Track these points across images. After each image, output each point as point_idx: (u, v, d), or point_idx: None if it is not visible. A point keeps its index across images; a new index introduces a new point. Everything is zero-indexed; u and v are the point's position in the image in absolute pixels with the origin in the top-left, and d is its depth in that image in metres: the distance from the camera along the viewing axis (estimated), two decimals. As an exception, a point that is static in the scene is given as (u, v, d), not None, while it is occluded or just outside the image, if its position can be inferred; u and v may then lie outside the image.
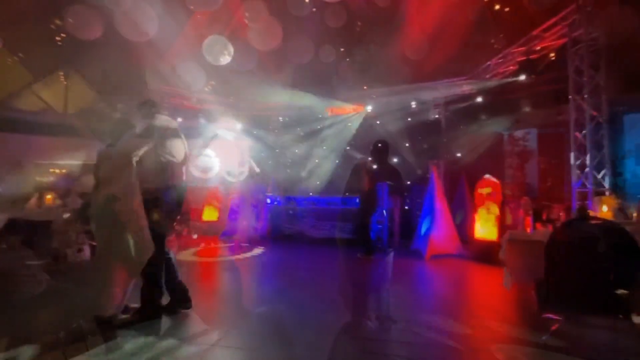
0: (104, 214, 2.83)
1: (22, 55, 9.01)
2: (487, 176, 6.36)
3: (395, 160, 9.32)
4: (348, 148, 9.84)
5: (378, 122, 9.26)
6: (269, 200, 8.84)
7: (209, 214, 9.40)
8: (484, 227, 6.21)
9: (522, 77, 6.98)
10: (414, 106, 8.76)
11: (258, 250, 7.35)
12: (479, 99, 7.90)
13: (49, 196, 6.37)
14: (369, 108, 9.15)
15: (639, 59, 6.22)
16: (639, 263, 2.01)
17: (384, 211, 7.52)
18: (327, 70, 8.47)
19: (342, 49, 9.12)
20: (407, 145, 8.94)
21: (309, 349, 2.50)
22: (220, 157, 9.47)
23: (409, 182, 9.03)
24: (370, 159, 6.74)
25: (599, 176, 5.52)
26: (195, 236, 8.36)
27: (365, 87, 9.08)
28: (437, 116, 8.71)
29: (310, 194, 9.20)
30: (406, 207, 8.67)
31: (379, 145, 6.86)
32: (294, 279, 4.90)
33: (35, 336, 2.64)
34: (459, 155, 8.14)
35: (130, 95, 9.16)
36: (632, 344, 2.59)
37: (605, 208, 3.15)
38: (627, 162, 6.32)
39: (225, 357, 2.39)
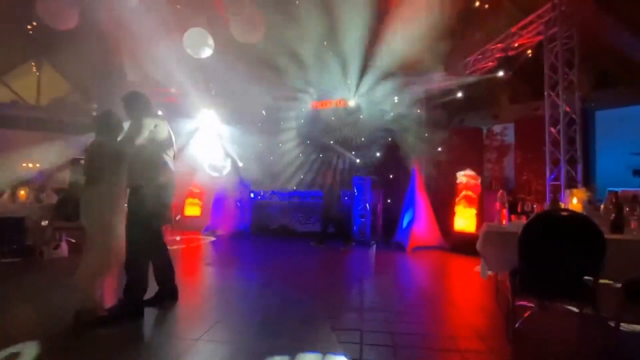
0: (94, 210, 2.79)
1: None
2: (466, 171, 6.56)
3: (377, 154, 9.42)
4: (332, 142, 9.88)
5: (361, 116, 9.31)
6: (252, 195, 8.81)
7: (191, 209, 9.30)
8: (463, 220, 6.41)
9: (501, 73, 7.16)
10: (395, 101, 8.85)
11: (242, 245, 7.34)
12: (459, 94, 8.06)
13: (22, 192, 6.15)
14: (352, 103, 9.19)
15: (610, 57, 6.49)
16: (603, 252, 2.13)
17: (367, 205, 7.64)
18: (308, 64, 8.44)
19: (325, 43, 9.10)
20: (389, 139, 9.04)
21: (292, 341, 2.54)
22: (203, 151, 9.36)
23: (391, 176, 9.16)
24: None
25: (572, 170, 5.75)
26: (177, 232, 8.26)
27: (348, 81, 9.11)
28: (418, 111, 8.83)
29: (295, 188, 9.21)
30: (389, 200, 8.81)
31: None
32: (277, 273, 4.93)
33: (13, 334, 2.58)
34: (439, 149, 8.29)
35: (108, 88, 8.90)
36: (596, 330, 2.75)
37: (575, 200, 3.30)
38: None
39: (209, 351, 2.40)
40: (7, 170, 6.51)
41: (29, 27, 8.84)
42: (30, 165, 8.47)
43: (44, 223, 5.57)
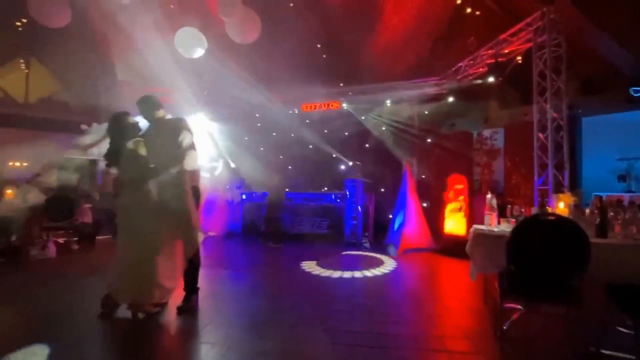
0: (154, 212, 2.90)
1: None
2: (456, 174, 6.65)
3: (369, 157, 9.47)
4: (325, 144, 9.89)
5: (353, 119, 9.36)
6: (244, 196, 8.78)
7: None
8: (453, 223, 6.49)
9: (491, 79, 7.27)
10: (388, 104, 8.92)
11: (233, 246, 7.31)
12: (451, 99, 8.17)
13: (9, 191, 6.04)
14: (345, 105, 9.24)
15: (596, 64, 6.65)
16: (588, 255, 2.20)
17: (359, 207, 7.68)
18: (301, 66, 8.46)
19: (318, 45, 9.14)
20: (381, 142, 9.12)
21: (283, 342, 2.55)
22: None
23: (383, 179, 9.22)
24: None
25: (559, 175, 5.87)
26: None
27: (341, 84, 9.15)
28: (410, 114, 8.93)
29: (286, 190, 9.20)
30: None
31: None
32: (268, 274, 4.93)
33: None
34: (431, 153, 8.38)
35: (98, 87, 8.80)
36: (582, 330, 2.81)
37: (562, 204, 3.38)
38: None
39: (201, 353, 2.40)
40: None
41: (18, 24, 8.70)
42: (18, 164, 8.32)
43: (30, 214, 5.49)
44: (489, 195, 3.40)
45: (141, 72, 7.76)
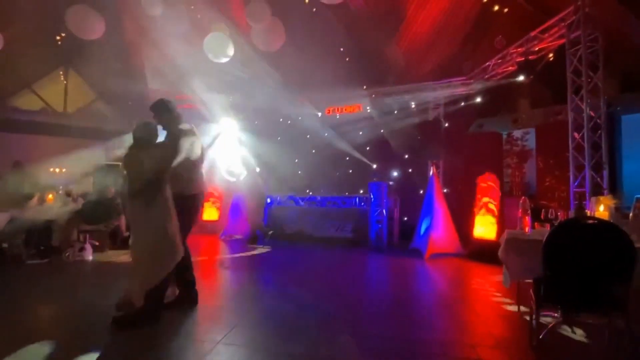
0: (139, 215, 2.89)
1: (22, 54, 9.03)
2: (485, 176, 6.45)
3: (394, 160, 9.35)
4: (349, 147, 9.87)
5: (377, 121, 9.29)
6: (269, 200, 8.88)
7: (209, 213, 9.44)
8: (483, 227, 6.29)
9: (521, 78, 7.02)
10: (413, 106, 8.79)
11: (259, 249, 7.40)
12: (478, 99, 7.95)
13: (50, 195, 6.39)
14: (368, 108, 9.18)
15: (635, 59, 6.29)
16: (633, 261, 2.06)
17: (384, 210, 7.58)
18: (324, 69, 8.49)
19: (341, 49, 9.14)
20: (407, 145, 8.99)
21: (311, 346, 2.55)
22: (221, 156, 9.51)
23: (408, 182, 9.08)
24: None
25: (597, 176, 5.58)
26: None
27: (364, 87, 9.11)
28: (436, 116, 8.76)
29: (310, 193, 9.23)
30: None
31: None
32: (294, 277, 4.95)
33: (36, 335, 2.68)
34: (458, 155, 8.18)
35: (129, 95, 9.19)
36: (626, 343, 2.64)
37: (602, 208, 3.19)
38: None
39: (229, 353, 2.43)
40: (36, 175, 6.78)
41: (57, 37, 9.24)
42: (58, 170, 8.80)
43: (69, 217, 5.78)
44: (522, 199, 3.27)
45: (171, 79, 8.04)
